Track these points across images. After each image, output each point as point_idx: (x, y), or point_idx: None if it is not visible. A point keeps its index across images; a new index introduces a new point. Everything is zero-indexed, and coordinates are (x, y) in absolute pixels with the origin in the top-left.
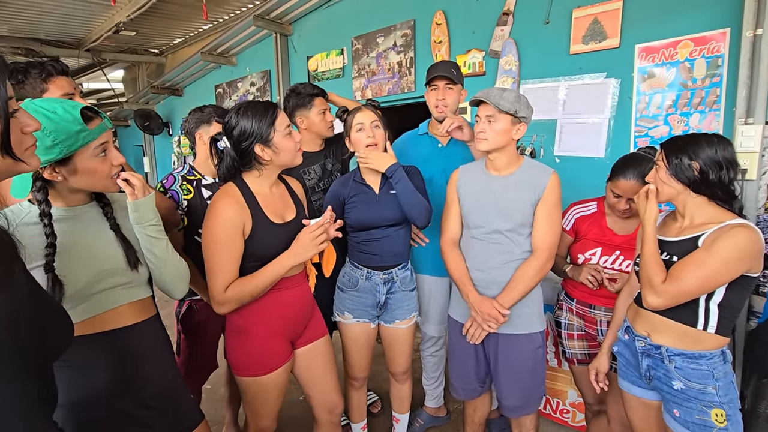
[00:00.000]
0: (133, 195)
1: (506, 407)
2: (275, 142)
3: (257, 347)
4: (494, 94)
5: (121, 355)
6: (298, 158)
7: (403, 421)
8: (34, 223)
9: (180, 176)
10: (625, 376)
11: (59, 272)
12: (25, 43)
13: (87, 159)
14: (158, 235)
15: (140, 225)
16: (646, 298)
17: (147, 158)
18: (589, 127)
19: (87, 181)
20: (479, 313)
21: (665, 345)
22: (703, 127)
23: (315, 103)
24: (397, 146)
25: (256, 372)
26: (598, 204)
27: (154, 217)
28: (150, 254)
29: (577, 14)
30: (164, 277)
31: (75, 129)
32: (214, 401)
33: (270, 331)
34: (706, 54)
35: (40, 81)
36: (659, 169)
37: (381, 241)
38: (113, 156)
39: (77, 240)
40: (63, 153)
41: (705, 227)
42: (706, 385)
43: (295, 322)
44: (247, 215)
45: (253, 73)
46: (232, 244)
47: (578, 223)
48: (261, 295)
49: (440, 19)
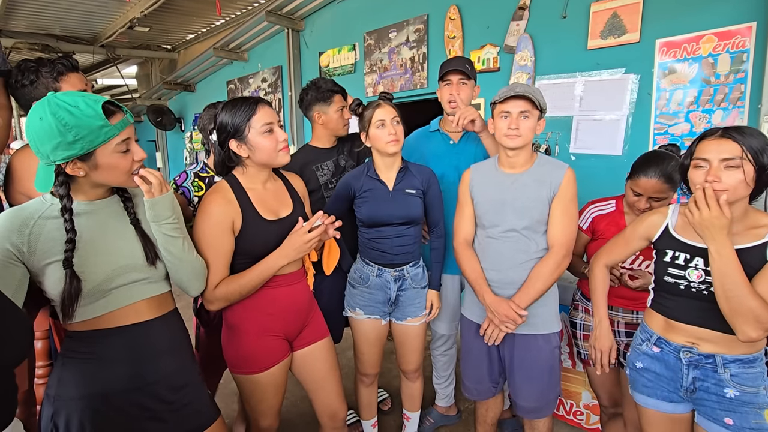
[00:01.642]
0: (150, 193)
1: (522, 408)
2: (250, 139)
3: (249, 345)
4: (531, 90)
5: (138, 349)
6: (281, 159)
7: (413, 419)
8: (55, 217)
9: (192, 173)
10: (652, 393)
11: (77, 267)
12: (41, 39)
13: (109, 155)
14: (175, 234)
15: (156, 223)
16: (747, 333)
17: (159, 154)
18: (607, 124)
19: (108, 176)
20: (497, 315)
21: (719, 353)
22: (726, 124)
23: (334, 100)
24: (408, 143)
25: (248, 370)
26: (616, 203)
27: (172, 215)
28: (166, 252)
29: (595, 8)
30: (180, 275)
31: (97, 125)
32: (225, 395)
33: (261, 328)
34: (730, 49)
35: (51, 80)
36: (745, 170)
37: (392, 238)
38: (135, 151)
39: (96, 234)
40: (85, 149)
41: (755, 232)
42: (759, 387)
43: (288, 320)
44: (237, 211)
45: (264, 69)
46: (220, 241)
47: (596, 221)
48: (251, 293)
49: (454, 14)
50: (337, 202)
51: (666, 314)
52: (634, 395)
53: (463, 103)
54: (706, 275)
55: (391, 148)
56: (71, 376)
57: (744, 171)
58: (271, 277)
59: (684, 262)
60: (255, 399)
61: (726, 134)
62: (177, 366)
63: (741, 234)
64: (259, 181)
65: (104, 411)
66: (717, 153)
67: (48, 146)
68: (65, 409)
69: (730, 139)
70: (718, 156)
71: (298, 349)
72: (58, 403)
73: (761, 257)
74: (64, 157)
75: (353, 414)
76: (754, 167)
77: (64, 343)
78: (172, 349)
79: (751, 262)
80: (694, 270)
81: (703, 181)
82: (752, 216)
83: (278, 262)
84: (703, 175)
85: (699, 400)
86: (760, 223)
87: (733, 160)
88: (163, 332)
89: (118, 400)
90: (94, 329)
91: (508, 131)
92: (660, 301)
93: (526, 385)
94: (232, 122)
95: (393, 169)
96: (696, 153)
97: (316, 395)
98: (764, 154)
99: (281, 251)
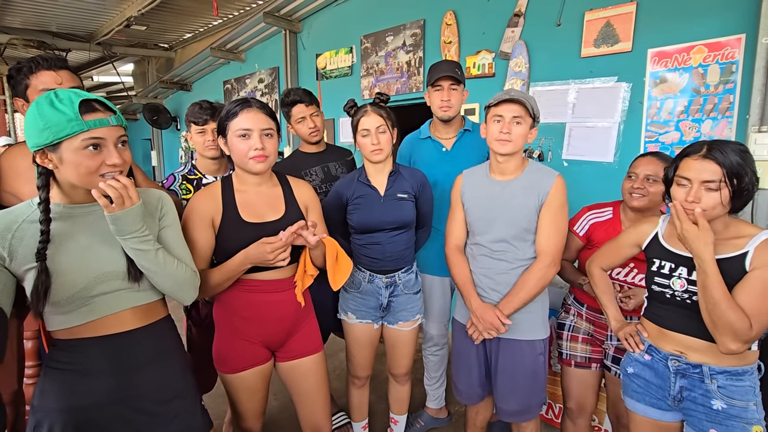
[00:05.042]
0: (109, 207)
1: (504, 412)
2: (229, 140)
3: (222, 344)
4: (526, 96)
5: (121, 360)
6: (251, 166)
7: (401, 422)
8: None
9: (180, 175)
10: (641, 399)
11: (55, 267)
12: (37, 35)
13: (73, 150)
14: (142, 247)
15: (121, 237)
16: (726, 345)
17: (155, 152)
18: (599, 132)
19: (72, 173)
20: (481, 322)
21: (707, 363)
22: (715, 134)
23: (292, 113)
24: (401, 151)
25: (221, 368)
26: (613, 209)
27: (138, 228)
28: (139, 266)
29: (589, 17)
30: (162, 286)
31: (66, 117)
32: (216, 396)
33: (234, 330)
34: (720, 60)
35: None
36: (722, 192)
37: (383, 244)
38: (109, 154)
39: (77, 239)
40: (50, 139)
41: (736, 242)
42: (749, 402)
43: (267, 327)
44: (218, 209)
45: (261, 70)
46: (197, 234)
47: (593, 229)
48: (221, 290)
49: (450, 20)
50: (332, 211)
51: (657, 322)
52: (624, 399)
53: (453, 110)
54: (689, 284)
55: (375, 158)
56: (52, 387)
57: (721, 194)
58: (250, 280)
59: (669, 271)
60: (232, 398)
61: (709, 155)
62: (163, 377)
63: (721, 244)
64: (251, 183)
65: (84, 425)
66: (698, 173)
67: (27, 132)
68: (47, 420)
69: (712, 160)
70: (699, 177)
71: (285, 361)
72: (40, 414)
73: (741, 267)
74: (34, 145)
75: (343, 415)
76: (730, 191)
77: (49, 353)
78: (159, 359)
79: (731, 272)
80: (677, 279)
81: (684, 199)
82: (734, 227)
83: (242, 264)
84: (685, 194)
85: (687, 410)
86: (742, 234)
87: (713, 183)
88: (148, 342)
89: (100, 413)
90: (76, 338)
91: (499, 135)
92: (652, 310)
93: (508, 389)
94: (221, 120)
95: (384, 173)
96: (679, 170)
97: (301, 407)
98: (744, 176)
99: (245, 253)
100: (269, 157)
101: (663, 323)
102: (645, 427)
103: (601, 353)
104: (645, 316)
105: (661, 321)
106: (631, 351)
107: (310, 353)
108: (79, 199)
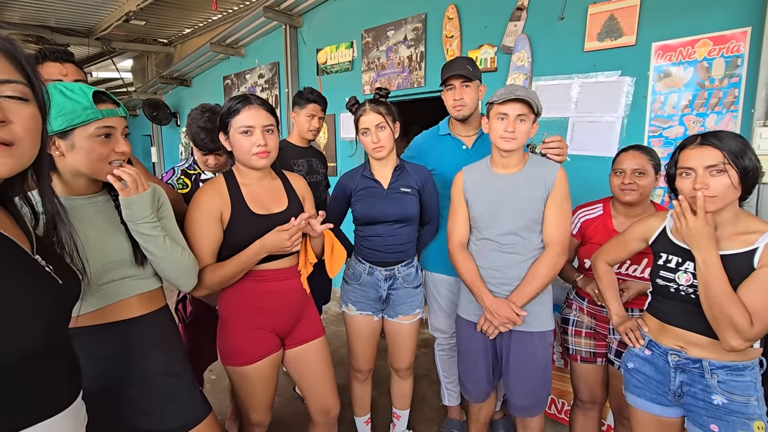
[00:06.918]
0: (124, 191)
1: (516, 407)
2: (231, 136)
3: (236, 336)
4: (529, 93)
5: (130, 345)
6: (254, 162)
7: (403, 417)
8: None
9: (180, 170)
10: (641, 394)
11: None
12: (35, 30)
13: (86, 137)
14: (153, 232)
15: (133, 222)
16: (728, 341)
17: (155, 148)
18: (602, 126)
19: (82, 160)
20: (496, 317)
21: (707, 358)
22: (720, 128)
23: (308, 107)
24: (417, 147)
25: (235, 361)
26: (603, 206)
27: (149, 214)
28: (146, 251)
29: (592, 10)
30: (165, 272)
31: (82, 105)
32: (218, 392)
33: (249, 321)
34: (725, 53)
35: None
36: (729, 174)
37: (384, 237)
38: (117, 143)
39: (83, 230)
40: (64, 125)
41: (745, 238)
42: (749, 397)
43: (278, 315)
44: (226, 203)
45: (261, 65)
46: (206, 230)
47: (584, 226)
48: (232, 282)
49: (452, 14)
50: (336, 203)
51: (659, 317)
52: (626, 395)
53: (468, 107)
54: (695, 279)
55: (377, 155)
56: None
57: (729, 176)
58: (260, 271)
59: (675, 266)
60: (243, 392)
61: (705, 141)
62: (167, 362)
63: (730, 239)
64: (253, 177)
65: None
66: (700, 161)
67: None
68: None
69: (710, 146)
70: (701, 164)
71: (292, 348)
72: None
73: (749, 264)
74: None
75: None
76: (737, 171)
77: None
78: (163, 344)
79: (739, 269)
80: (683, 273)
81: (692, 189)
82: (744, 221)
83: (258, 253)
84: (691, 184)
85: (687, 405)
86: (751, 229)
87: (717, 166)
88: (154, 328)
89: (108, 396)
90: (87, 326)
91: (504, 133)
92: (655, 305)
93: (520, 382)
94: (222, 117)
95: (388, 168)
96: (680, 162)
97: (310, 392)
98: (744, 156)
99: (262, 242)
100: (271, 153)
101: (665, 318)
102: (646, 422)
103: (605, 347)
104: (648, 310)
105: (663, 316)
106: (632, 346)
107: (315, 337)
108: (79, 190)
